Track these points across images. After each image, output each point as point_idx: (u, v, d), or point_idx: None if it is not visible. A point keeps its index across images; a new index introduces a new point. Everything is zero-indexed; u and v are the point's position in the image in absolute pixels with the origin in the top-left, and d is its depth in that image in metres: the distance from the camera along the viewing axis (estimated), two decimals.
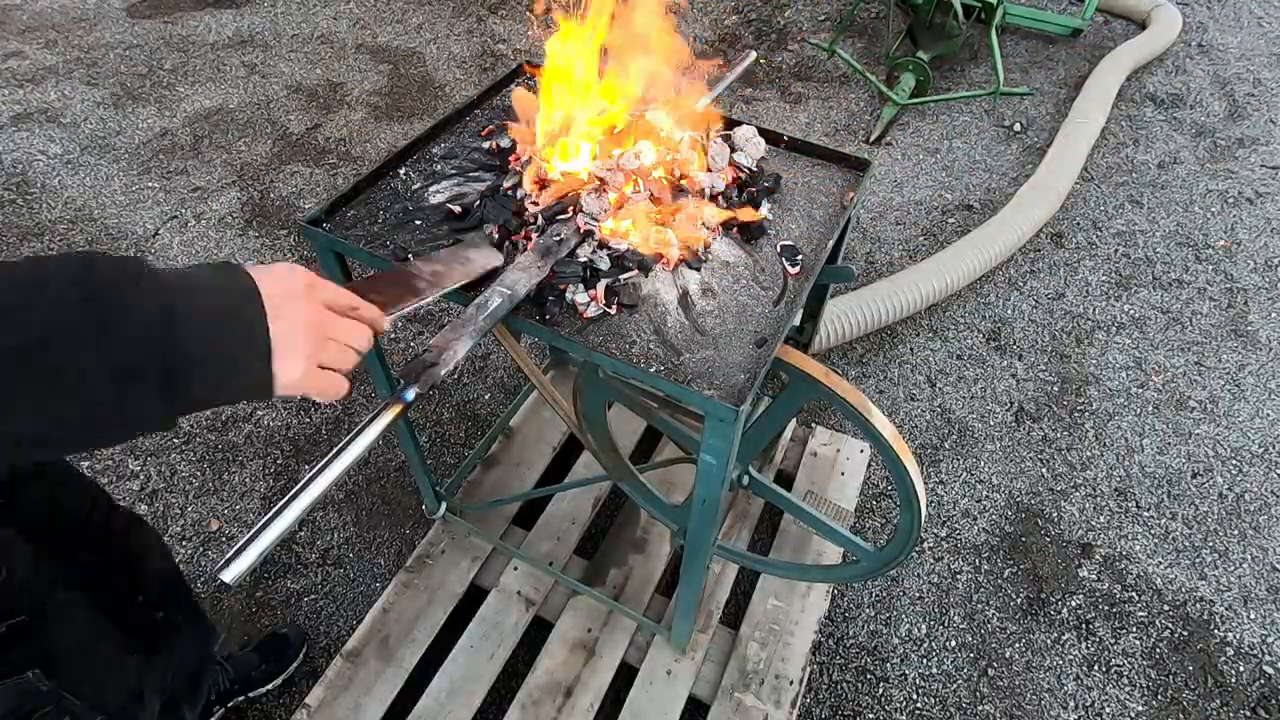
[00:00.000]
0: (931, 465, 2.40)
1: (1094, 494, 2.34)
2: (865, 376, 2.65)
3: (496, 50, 4.28)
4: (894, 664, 1.96)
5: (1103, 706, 1.90)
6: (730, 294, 1.24)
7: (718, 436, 1.12)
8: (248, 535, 0.72)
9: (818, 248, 1.33)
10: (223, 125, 3.67)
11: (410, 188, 1.40)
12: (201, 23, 4.43)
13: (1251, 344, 2.82)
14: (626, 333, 1.17)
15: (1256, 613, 2.09)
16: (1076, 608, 2.08)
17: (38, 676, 1.04)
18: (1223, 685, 1.95)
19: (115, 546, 1.28)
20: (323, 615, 2.00)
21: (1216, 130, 3.88)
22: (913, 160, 3.64)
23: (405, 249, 1.27)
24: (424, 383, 0.93)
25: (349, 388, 0.80)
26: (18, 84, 3.87)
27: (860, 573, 1.66)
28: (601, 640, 1.83)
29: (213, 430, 2.40)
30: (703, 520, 1.31)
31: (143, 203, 3.22)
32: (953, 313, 2.89)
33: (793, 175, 1.49)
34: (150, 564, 1.38)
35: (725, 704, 1.74)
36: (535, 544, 2.00)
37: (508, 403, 2.51)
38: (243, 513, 2.20)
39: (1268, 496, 2.35)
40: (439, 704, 1.72)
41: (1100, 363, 2.73)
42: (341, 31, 4.42)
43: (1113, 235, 3.27)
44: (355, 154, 3.53)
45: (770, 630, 1.87)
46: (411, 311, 1.00)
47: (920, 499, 1.38)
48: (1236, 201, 3.46)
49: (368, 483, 2.28)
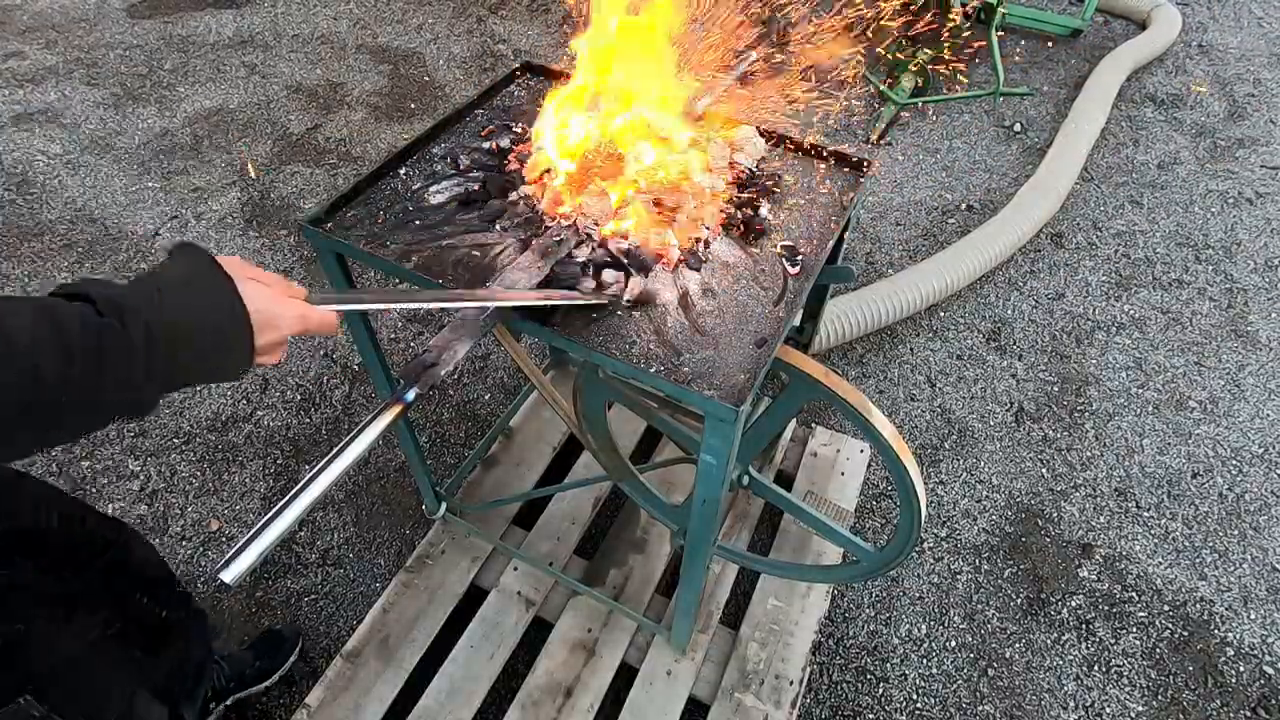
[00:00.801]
0: (931, 465, 2.40)
1: (1094, 494, 2.34)
2: (865, 377, 2.65)
3: (497, 51, 4.28)
4: (894, 664, 1.96)
5: (1103, 707, 1.90)
6: (730, 294, 1.24)
7: (718, 437, 1.12)
8: (248, 535, 0.72)
9: (817, 248, 1.33)
10: (223, 125, 3.67)
11: (410, 188, 1.40)
12: (202, 23, 4.43)
13: (1251, 344, 2.82)
14: (626, 333, 1.17)
15: (1257, 613, 2.09)
16: (1076, 608, 2.08)
17: (29, 702, 1.02)
18: (1223, 685, 1.95)
19: (104, 554, 1.26)
20: (323, 615, 2.00)
21: (1216, 131, 3.88)
22: (913, 160, 3.64)
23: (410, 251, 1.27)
24: (424, 383, 0.93)
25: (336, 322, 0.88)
26: (18, 84, 3.87)
27: (860, 573, 1.66)
28: (601, 640, 1.83)
29: (213, 430, 2.40)
30: (703, 520, 1.31)
31: (143, 203, 3.22)
32: (953, 313, 2.89)
33: (792, 175, 1.49)
34: (146, 568, 1.36)
35: (725, 704, 1.74)
36: (535, 544, 2.00)
37: (508, 403, 2.51)
38: (243, 513, 2.20)
39: (1268, 497, 2.35)
40: (439, 704, 1.72)
41: (1100, 363, 2.73)
42: (342, 32, 4.42)
43: (1113, 235, 3.27)
44: (355, 154, 3.53)
45: (770, 630, 1.87)
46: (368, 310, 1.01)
47: (920, 499, 1.38)
48: (1236, 202, 3.46)
49: (368, 483, 2.28)
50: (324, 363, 2.61)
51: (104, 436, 2.37)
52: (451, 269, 1.24)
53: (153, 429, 2.40)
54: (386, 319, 2.77)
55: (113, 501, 2.22)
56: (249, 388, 2.52)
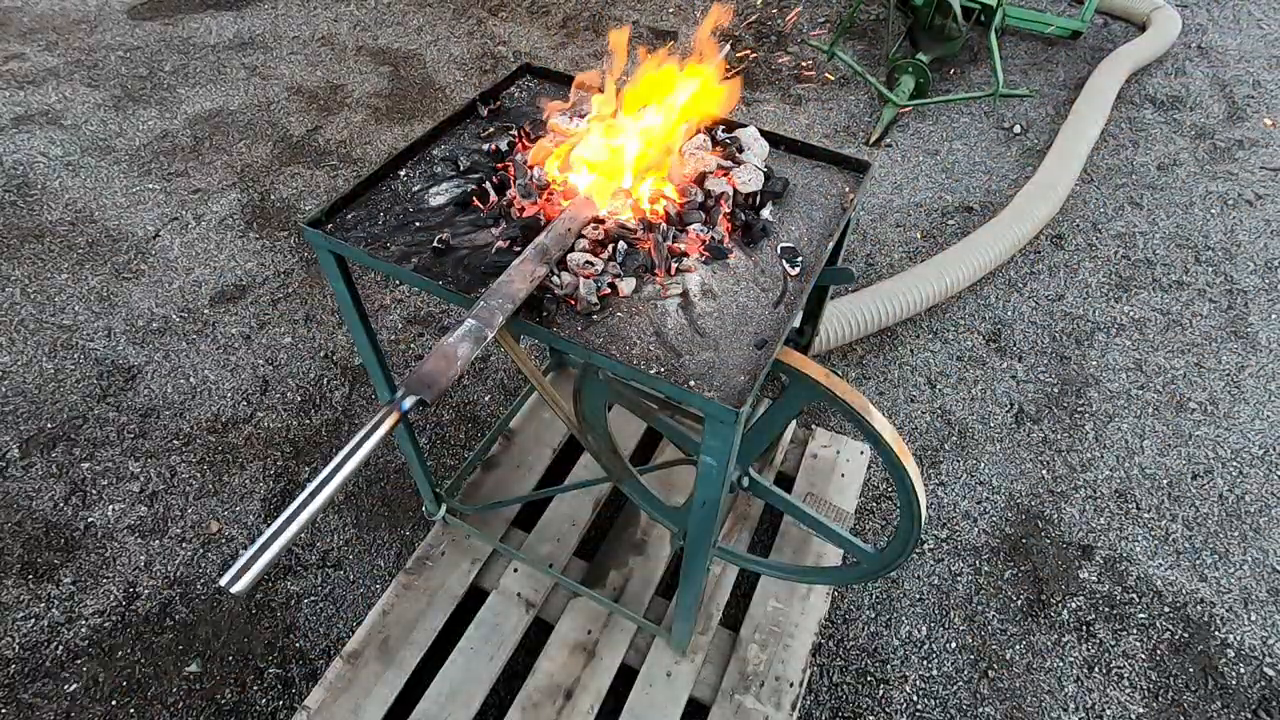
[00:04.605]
0: (932, 467, 2.40)
1: (1094, 496, 2.34)
2: (865, 378, 2.65)
3: (497, 52, 4.29)
4: (894, 666, 1.96)
5: (1103, 708, 1.90)
6: (730, 296, 1.24)
7: (718, 438, 1.12)
8: (255, 547, 0.73)
9: (818, 249, 1.33)
10: (223, 127, 3.68)
11: (411, 190, 1.40)
12: (202, 25, 4.44)
13: (1251, 346, 2.82)
14: (627, 334, 1.17)
15: (1257, 614, 2.09)
16: (1077, 609, 2.08)
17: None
18: (1223, 687, 1.95)
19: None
20: (322, 617, 2.00)
21: (1216, 132, 3.88)
22: (912, 162, 3.65)
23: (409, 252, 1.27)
24: (428, 393, 0.92)
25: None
26: (19, 86, 3.87)
27: (860, 575, 1.66)
28: (601, 642, 1.83)
29: (213, 432, 2.40)
30: (702, 522, 1.31)
31: (143, 204, 3.22)
32: (953, 314, 2.89)
33: (793, 177, 1.49)
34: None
35: (725, 706, 1.74)
36: (535, 546, 2.00)
37: (508, 404, 2.51)
38: (243, 514, 2.20)
39: (1268, 498, 2.35)
40: (439, 706, 1.72)
41: (1100, 364, 2.73)
42: (342, 33, 4.42)
43: (1112, 237, 3.27)
44: (356, 156, 3.54)
45: (770, 632, 1.87)
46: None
47: (920, 501, 1.38)
48: (1236, 203, 3.46)
49: (368, 484, 2.28)
50: (324, 364, 2.61)
51: (104, 438, 2.37)
52: (451, 270, 1.24)
53: (153, 430, 2.40)
54: (387, 319, 2.77)
55: (113, 503, 2.22)
56: (249, 389, 2.53)
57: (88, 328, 2.71)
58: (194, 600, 2.02)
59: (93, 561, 2.09)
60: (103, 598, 2.02)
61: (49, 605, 2.01)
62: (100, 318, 2.75)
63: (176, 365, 2.60)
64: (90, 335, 2.69)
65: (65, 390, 2.51)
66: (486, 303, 1.08)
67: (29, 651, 1.92)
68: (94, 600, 2.02)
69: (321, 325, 2.74)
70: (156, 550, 2.12)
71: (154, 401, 2.48)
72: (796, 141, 1.54)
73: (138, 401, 2.48)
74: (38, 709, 1.83)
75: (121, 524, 2.18)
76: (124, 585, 2.05)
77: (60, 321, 2.73)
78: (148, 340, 2.68)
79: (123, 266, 2.95)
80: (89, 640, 1.95)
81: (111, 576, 2.07)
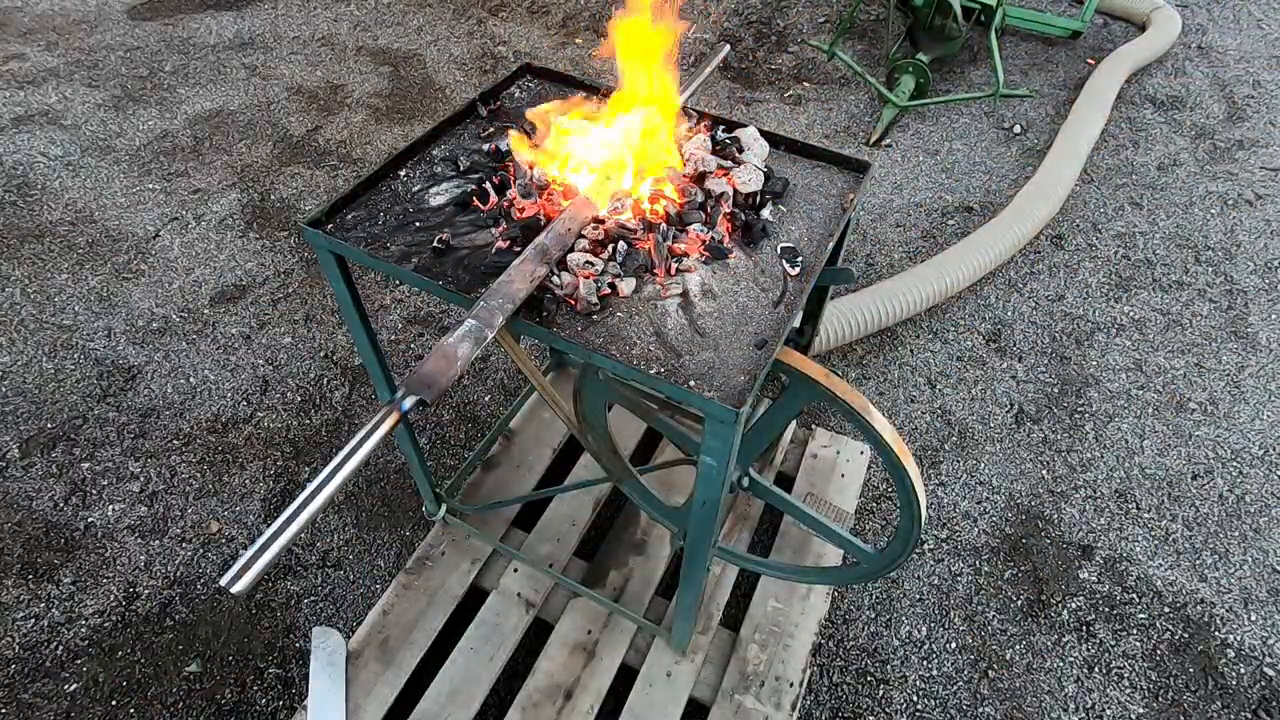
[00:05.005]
0: (932, 467, 2.40)
1: (1094, 496, 2.34)
2: (865, 378, 2.65)
3: (497, 52, 4.29)
4: (894, 666, 1.96)
5: (1103, 709, 1.90)
6: (730, 296, 1.24)
7: (718, 438, 1.12)
8: (255, 547, 0.73)
9: (818, 249, 1.33)
10: (223, 127, 3.68)
11: (411, 190, 1.40)
12: (202, 25, 4.44)
13: (1251, 346, 2.82)
14: (627, 334, 1.17)
15: (1257, 615, 2.09)
16: (1077, 610, 2.08)
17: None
18: (1223, 687, 1.95)
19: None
20: (322, 617, 2.00)
21: (1216, 132, 3.88)
22: (912, 162, 3.65)
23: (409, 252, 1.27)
24: (428, 393, 0.92)
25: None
26: (19, 86, 3.87)
27: (860, 575, 1.66)
28: (601, 642, 1.83)
29: (213, 432, 2.40)
30: (702, 522, 1.31)
31: (143, 204, 3.22)
32: (953, 314, 2.89)
33: (793, 177, 1.49)
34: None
35: (725, 706, 1.74)
36: (535, 546, 2.00)
37: (508, 404, 2.51)
38: (243, 514, 2.20)
39: (1268, 498, 2.35)
40: (439, 706, 1.72)
41: (1100, 364, 2.73)
42: (342, 34, 4.42)
43: (1112, 237, 3.27)
44: (356, 156, 3.54)
45: (770, 632, 1.87)
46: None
47: (920, 501, 1.38)
48: (1236, 203, 3.46)
49: (368, 484, 2.28)
50: (324, 364, 2.61)
51: (104, 438, 2.37)
52: (451, 270, 1.24)
53: (153, 430, 2.40)
54: (387, 319, 2.77)
55: (113, 503, 2.22)
56: (249, 389, 2.53)
57: (88, 328, 2.71)
58: (194, 600, 2.02)
59: (93, 561, 2.09)
60: (103, 598, 2.02)
61: (49, 605, 2.01)
62: (100, 318, 2.75)
63: (176, 365, 2.60)
64: (90, 335, 2.69)
65: (65, 390, 2.51)
66: (486, 303, 1.08)
67: (29, 651, 1.92)
68: (94, 600, 2.02)
69: (321, 325, 2.74)
70: (156, 550, 2.12)
71: (154, 401, 2.48)
72: (796, 141, 1.54)
73: (138, 401, 2.48)
74: (38, 709, 1.83)
75: (121, 524, 2.18)
76: (124, 585, 2.05)
77: (60, 321, 2.73)
78: (148, 340, 2.68)
79: (123, 266, 2.95)
80: (89, 640, 1.95)
81: (111, 576, 2.07)
